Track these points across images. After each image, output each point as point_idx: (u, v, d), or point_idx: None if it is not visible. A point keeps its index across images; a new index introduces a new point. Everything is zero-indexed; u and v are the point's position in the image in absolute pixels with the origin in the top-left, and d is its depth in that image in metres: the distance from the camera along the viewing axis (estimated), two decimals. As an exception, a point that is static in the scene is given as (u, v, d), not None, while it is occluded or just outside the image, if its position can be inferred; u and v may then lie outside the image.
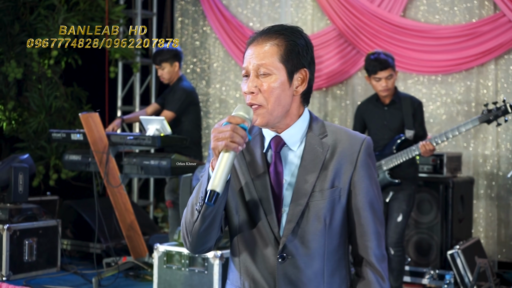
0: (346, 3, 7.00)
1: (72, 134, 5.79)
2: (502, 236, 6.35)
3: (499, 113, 4.97)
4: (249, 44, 2.20)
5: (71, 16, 7.51)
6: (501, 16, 6.27)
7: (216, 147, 2.01)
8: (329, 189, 2.14)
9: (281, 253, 2.13)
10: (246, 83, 2.16)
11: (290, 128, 2.19)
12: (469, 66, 6.48)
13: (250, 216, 2.18)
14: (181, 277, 4.90)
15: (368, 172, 2.18)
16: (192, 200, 2.13)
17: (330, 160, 2.15)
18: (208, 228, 2.12)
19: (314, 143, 2.18)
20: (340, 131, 2.22)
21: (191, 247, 2.20)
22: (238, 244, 2.22)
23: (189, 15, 8.31)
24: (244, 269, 2.21)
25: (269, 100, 2.12)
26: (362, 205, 2.17)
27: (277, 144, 2.19)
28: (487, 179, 6.38)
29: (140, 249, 5.85)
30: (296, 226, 2.13)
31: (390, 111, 5.18)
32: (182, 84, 6.25)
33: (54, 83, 7.88)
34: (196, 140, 6.27)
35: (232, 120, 2.03)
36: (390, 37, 6.78)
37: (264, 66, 2.12)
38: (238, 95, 7.91)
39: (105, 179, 5.57)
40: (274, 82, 2.12)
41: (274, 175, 2.17)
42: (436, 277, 5.54)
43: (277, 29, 2.18)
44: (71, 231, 6.82)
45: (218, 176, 1.97)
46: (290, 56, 2.15)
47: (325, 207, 2.13)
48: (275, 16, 7.65)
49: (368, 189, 2.17)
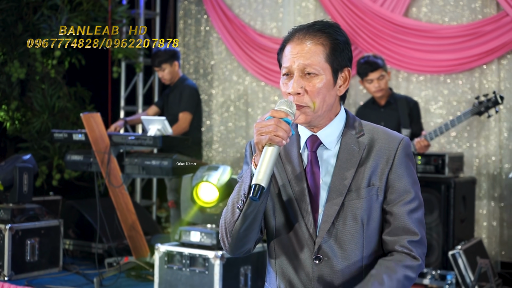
0: (348, 3, 6.99)
1: (74, 134, 5.80)
2: (505, 236, 6.33)
3: (490, 104, 5.11)
4: (288, 41, 2.15)
5: (74, 16, 7.51)
6: (504, 15, 6.25)
7: (259, 141, 1.97)
8: (365, 187, 2.09)
9: (317, 254, 2.09)
10: (287, 82, 2.11)
11: (327, 127, 2.15)
12: (472, 66, 6.46)
13: (287, 217, 2.14)
14: (182, 277, 4.90)
15: (407, 170, 2.12)
16: (233, 199, 2.09)
17: (367, 158, 2.11)
18: (249, 228, 2.09)
19: (350, 142, 2.13)
20: (377, 129, 2.17)
21: (230, 248, 2.16)
22: (275, 246, 2.19)
23: (192, 15, 8.32)
24: (280, 271, 2.17)
25: (315, 101, 2.08)
26: (398, 203, 2.10)
27: (313, 144, 2.15)
28: (490, 179, 6.36)
29: (142, 249, 5.85)
30: (331, 226, 2.08)
31: (387, 112, 5.26)
32: (188, 82, 6.29)
33: (57, 83, 7.89)
34: (197, 140, 6.27)
35: (275, 114, 1.99)
36: (392, 36, 6.76)
37: (310, 66, 2.08)
38: (241, 95, 7.91)
39: (106, 179, 5.57)
40: (321, 82, 2.09)
41: (310, 175, 2.13)
42: (438, 277, 5.53)
43: (320, 27, 2.13)
44: (73, 231, 6.83)
45: (263, 170, 1.93)
46: (335, 55, 2.12)
47: (362, 206, 2.08)
48: (277, 16, 7.64)
49: (406, 188, 2.11)
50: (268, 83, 7.62)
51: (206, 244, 4.88)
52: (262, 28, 7.73)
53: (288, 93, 2.09)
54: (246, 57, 7.73)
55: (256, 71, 7.67)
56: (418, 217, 2.11)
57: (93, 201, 6.80)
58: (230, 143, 7.99)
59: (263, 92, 7.77)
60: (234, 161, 7.92)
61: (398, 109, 5.25)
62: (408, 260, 2.07)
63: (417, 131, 5.25)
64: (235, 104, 7.95)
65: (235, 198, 2.08)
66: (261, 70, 7.63)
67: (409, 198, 2.10)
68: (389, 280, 2.02)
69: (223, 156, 8.03)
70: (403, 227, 2.09)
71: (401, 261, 2.06)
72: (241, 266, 4.89)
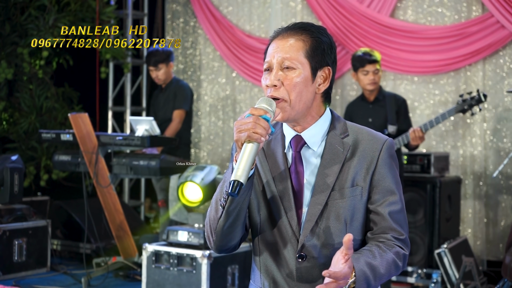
0: (335, 3, 7.03)
1: (62, 135, 5.80)
2: (491, 235, 6.39)
3: (473, 102, 5.18)
4: (273, 39, 2.19)
5: (62, 16, 7.51)
6: (489, 16, 6.31)
7: (239, 138, 2.00)
8: (349, 187, 2.11)
9: (300, 253, 2.11)
10: (267, 77, 2.14)
11: (311, 128, 2.17)
12: (457, 67, 6.51)
13: (271, 215, 2.16)
14: (170, 277, 4.92)
15: (389, 171, 2.15)
16: (216, 196, 2.12)
17: (351, 159, 2.13)
18: (233, 225, 2.11)
19: (335, 143, 2.16)
20: (362, 130, 2.20)
21: (215, 246, 2.19)
22: (259, 243, 2.20)
23: (179, 16, 8.33)
24: (264, 269, 2.20)
25: (291, 94, 2.10)
26: (382, 204, 2.12)
27: (297, 144, 2.17)
28: (475, 179, 6.42)
29: (130, 249, 5.86)
30: (314, 225, 2.10)
31: (375, 108, 5.31)
32: (183, 82, 6.37)
33: (45, 83, 7.88)
34: (186, 141, 6.29)
35: (254, 111, 2.02)
36: (379, 37, 6.81)
37: (288, 59, 2.11)
38: (229, 95, 7.93)
39: (94, 179, 5.58)
40: (298, 76, 2.11)
41: (294, 174, 2.15)
42: (424, 276, 5.58)
43: (303, 26, 2.17)
44: (61, 232, 6.84)
45: (242, 167, 1.96)
46: (315, 53, 2.14)
47: (345, 206, 2.11)
48: (265, 16, 7.68)
49: (389, 189, 2.13)
50: (255, 83, 7.66)
51: (194, 243, 4.91)
52: (250, 28, 7.76)
53: (266, 85, 2.13)
54: (234, 58, 7.76)
55: (243, 71, 7.70)
56: (402, 218, 2.15)
57: (81, 202, 6.80)
58: (218, 143, 8.01)
59: (250, 92, 7.80)
60: (222, 161, 7.95)
61: (386, 106, 5.30)
62: (397, 247, 2.11)
63: (406, 128, 5.31)
64: (223, 104, 7.98)
65: (218, 195, 2.11)
66: (249, 70, 7.66)
67: (393, 199, 2.14)
68: (380, 257, 2.06)
69: (211, 156, 8.05)
70: (389, 227, 2.12)
71: (391, 246, 2.10)
72: (229, 265, 4.92)
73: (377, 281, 2.05)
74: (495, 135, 6.38)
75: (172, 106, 6.20)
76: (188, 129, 6.34)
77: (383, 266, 2.06)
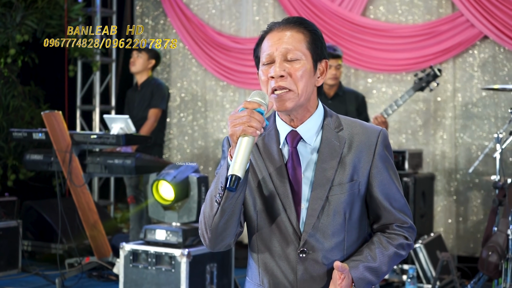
0: (307, 2, 7.06)
1: (34, 133, 5.71)
2: (461, 231, 6.48)
3: (430, 78, 5.32)
4: (267, 33, 2.17)
5: (29, 14, 7.39)
6: (459, 15, 6.40)
7: (234, 133, 1.98)
8: (348, 182, 2.12)
9: (302, 248, 2.11)
10: (268, 69, 2.12)
11: (306, 122, 2.17)
12: (428, 65, 6.55)
13: (269, 212, 2.15)
14: (148, 276, 4.87)
15: (386, 164, 2.17)
16: (211, 193, 2.09)
17: (348, 153, 2.14)
18: (228, 222, 2.09)
19: (331, 137, 2.16)
20: (355, 123, 2.20)
21: (210, 243, 2.16)
22: (257, 240, 2.19)
23: (149, 13, 8.26)
24: (263, 266, 2.18)
25: (299, 85, 2.10)
26: (382, 196, 2.15)
27: (293, 139, 2.16)
28: (446, 175, 6.51)
29: (104, 249, 5.80)
30: (316, 220, 2.10)
31: (334, 104, 5.35)
32: (160, 81, 6.36)
33: (11, 82, 7.73)
34: (159, 141, 6.25)
35: (248, 105, 2.00)
36: (350, 35, 6.86)
37: (292, 51, 2.11)
38: (200, 93, 7.90)
39: (68, 178, 5.50)
40: (303, 67, 2.11)
41: (292, 170, 2.14)
42: (399, 272, 5.63)
43: (298, 20, 2.17)
44: (32, 232, 6.72)
45: (239, 161, 1.94)
46: (315, 45, 2.15)
47: (345, 200, 2.11)
48: (236, 15, 7.66)
49: (388, 181, 2.16)
50: (227, 81, 7.64)
51: (172, 242, 4.87)
52: (221, 27, 7.74)
53: (271, 77, 2.11)
54: (205, 56, 7.72)
55: (215, 69, 7.67)
56: (404, 206, 2.20)
57: (51, 202, 6.71)
58: (189, 142, 7.97)
59: (222, 90, 7.77)
60: (193, 159, 7.91)
61: (346, 102, 5.34)
62: (401, 239, 2.17)
63: None
64: (193, 103, 7.94)
65: (213, 192, 2.08)
66: (220, 69, 7.63)
67: (393, 190, 2.17)
68: (382, 256, 2.13)
69: (181, 154, 8.00)
70: (393, 218, 2.18)
71: (394, 239, 2.17)
72: (207, 263, 4.89)
73: (380, 278, 2.14)
74: (465, 133, 6.47)
75: (148, 104, 6.16)
76: (162, 129, 6.31)
77: (384, 263, 2.13)
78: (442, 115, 6.54)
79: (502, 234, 4.44)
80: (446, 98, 6.53)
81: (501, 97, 6.32)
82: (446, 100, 6.54)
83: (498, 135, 4.86)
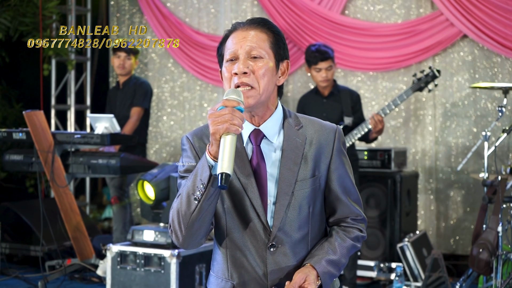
0: (286, 1, 7.04)
1: (14, 133, 5.58)
2: (442, 228, 6.54)
3: (429, 79, 5.36)
4: (231, 32, 2.25)
5: (2, 11, 7.23)
6: (438, 14, 6.46)
7: (217, 131, 2.04)
8: (310, 177, 2.24)
9: (272, 242, 2.20)
10: (231, 66, 2.19)
11: (268, 121, 2.25)
12: (408, 64, 6.64)
13: (237, 208, 2.22)
14: (136, 278, 4.80)
15: (343, 159, 2.30)
16: (188, 191, 2.12)
17: (309, 150, 2.25)
18: (204, 219, 2.14)
19: (292, 135, 2.25)
20: (313, 121, 2.31)
21: (184, 241, 2.20)
22: (226, 236, 2.24)
23: (125, 12, 8.15)
24: (232, 261, 2.24)
25: (261, 82, 2.18)
26: (340, 190, 2.28)
27: (256, 137, 2.24)
28: (426, 174, 6.56)
29: (87, 251, 5.70)
30: (284, 215, 2.20)
31: (329, 102, 5.34)
32: (142, 80, 6.31)
33: (-17, 81, 7.58)
34: (142, 140, 6.18)
35: (228, 103, 2.06)
36: (330, 34, 6.86)
37: (256, 49, 2.20)
38: (176, 93, 7.82)
39: (51, 179, 5.39)
40: (266, 65, 2.20)
41: (256, 167, 2.22)
42: (386, 270, 5.65)
43: (262, 21, 2.27)
44: (9, 234, 6.57)
45: (226, 159, 2.00)
46: (278, 45, 2.25)
47: (309, 195, 2.23)
48: (213, 13, 7.61)
49: (344, 175, 2.29)
50: (204, 80, 7.58)
51: (161, 243, 4.81)
52: (198, 25, 7.67)
53: (234, 73, 2.18)
54: (182, 54, 7.65)
55: (192, 68, 7.61)
56: (357, 199, 2.36)
57: (29, 203, 6.58)
58: (166, 141, 7.89)
59: (200, 89, 7.71)
60: (170, 159, 7.84)
61: (341, 101, 5.33)
62: (356, 232, 2.33)
63: (359, 122, 5.36)
64: (171, 102, 7.86)
65: (190, 190, 2.11)
66: (198, 67, 7.57)
67: (349, 184, 2.31)
68: (341, 249, 2.27)
69: (159, 153, 7.92)
70: (348, 211, 2.32)
71: (350, 233, 2.32)
72: (196, 264, 4.85)
73: (340, 270, 2.30)
74: (445, 131, 6.53)
75: (130, 103, 6.08)
76: (145, 128, 6.23)
77: (344, 256, 2.27)
78: (423, 114, 6.59)
79: (492, 232, 4.49)
80: (426, 97, 6.58)
81: (480, 95, 6.39)
82: (426, 99, 6.59)
83: (486, 133, 4.91)
